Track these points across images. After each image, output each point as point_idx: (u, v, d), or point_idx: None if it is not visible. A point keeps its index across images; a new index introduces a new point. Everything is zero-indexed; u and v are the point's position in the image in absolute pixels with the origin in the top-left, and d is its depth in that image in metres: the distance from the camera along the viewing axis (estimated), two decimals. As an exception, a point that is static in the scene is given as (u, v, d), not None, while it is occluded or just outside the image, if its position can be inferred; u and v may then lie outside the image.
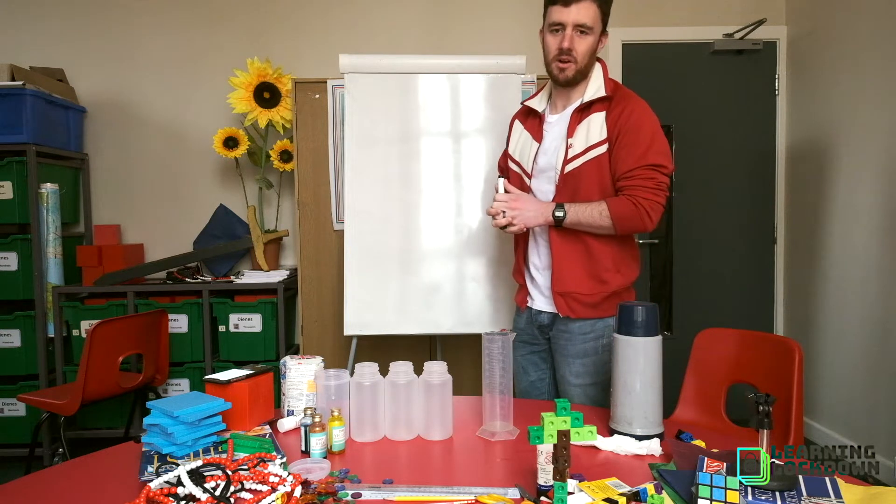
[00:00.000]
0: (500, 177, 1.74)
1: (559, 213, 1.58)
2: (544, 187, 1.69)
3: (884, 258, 2.62)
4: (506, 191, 1.66)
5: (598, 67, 1.67)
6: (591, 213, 1.57)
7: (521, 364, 1.82)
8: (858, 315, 2.79)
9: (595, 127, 1.61)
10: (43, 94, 2.96)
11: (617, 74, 3.39)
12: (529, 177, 1.71)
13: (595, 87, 1.63)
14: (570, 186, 1.63)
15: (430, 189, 2.42)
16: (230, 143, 3.12)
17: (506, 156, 1.85)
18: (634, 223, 1.56)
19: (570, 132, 1.63)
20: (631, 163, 1.56)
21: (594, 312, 1.63)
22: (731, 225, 3.46)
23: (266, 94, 3.06)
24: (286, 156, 3.14)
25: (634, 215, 1.55)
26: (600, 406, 1.61)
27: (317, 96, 2.91)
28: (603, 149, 1.59)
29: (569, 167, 1.62)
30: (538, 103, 1.76)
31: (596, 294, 1.63)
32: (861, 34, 2.79)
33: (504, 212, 1.63)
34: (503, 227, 1.64)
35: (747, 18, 3.34)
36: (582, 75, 1.63)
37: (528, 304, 1.77)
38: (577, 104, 1.65)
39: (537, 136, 1.72)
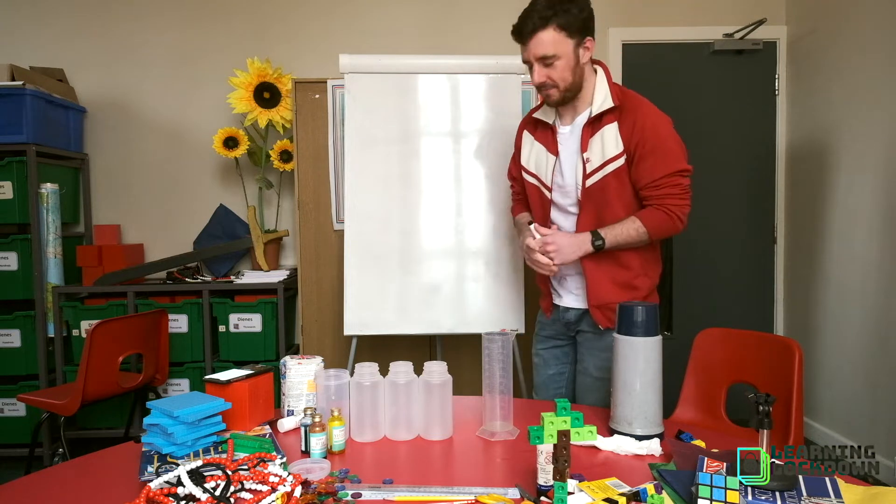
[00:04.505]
0: (528, 222, 1.73)
1: (598, 242, 1.58)
2: (565, 200, 1.68)
3: (884, 258, 2.62)
4: (539, 233, 1.64)
5: (600, 74, 1.63)
6: (628, 232, 1.58)
7: (542, 357, 1.84)
8: (858, 315, 2.79)
9: (609, 140, 1.59)
10: (43, 94, 2.96)
11: (617, 74, 3.39)
12: (549, 190, 1.70)
13: (602, 97, 1.60)
14: (593, 201, 1.62)
15: (430, 189, 2.42)
16: (230, 143, 3.12)
17: (517, 165, 1.83)
18: (670, 230, 1.62)
19: (584, 146, 1.62)
20: (656, 173, 1.57)
21: None
22: (731, 225, 3.46)
23: (266, 94, 3.06)
24: (286, 156, 3.14)
25: (668, 224, 1.59)
26: None
27: (317, 96, 2.91)
28: (620, 161, 1.58)
29: (589, 182, 1.61)
30: (547, 114, 1.72)
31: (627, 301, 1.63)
32: (861, 34, 2.79)
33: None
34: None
35: (747, 18, 3.34)
36: (572, 92, 1.60)
37: (556, 302, 1.78)
38: (585, 115, 1.63)
39: (553, 148, 1.69)
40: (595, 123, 1.61)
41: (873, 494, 0.95)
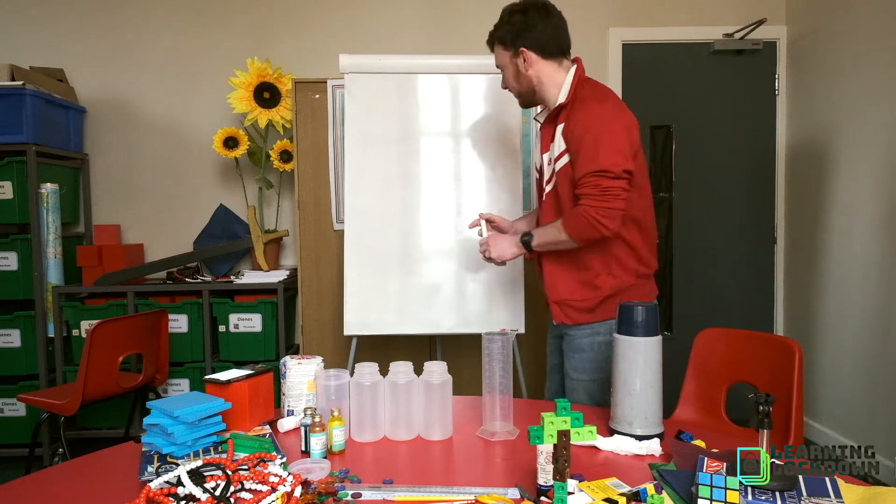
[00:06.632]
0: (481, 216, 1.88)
1: (525, 238, 1.68)
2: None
3: (884, 258, 2.62)
4: (484, 232, 1.84)
5: (571, 71, 1.65)
6: (551, 232, 1.63)
7: (549, 347, 1.89)
8: (858, 315, 2.79)
9: (558, 138, 1.64)
10: (43, 94, 2.96)
11: (617, 74, 3.39)
12: (545, 182, 1.77)
13: (561, 97, 1.64)
14: (552, 199, 1.69)
15: (430, 189, 2.42)
16: (230, 143, 3.12)
17: None
18: (590, 233, 1.54)
19: (544, 146, 1.71)
20: (580, 171, 1.56)
21: (590, 317, 1.65)
22: (731, 225, 3.46)
23: (266, 94, 3.06)
24: (286, 156, 3.14)
25: (586, 226, 1.53)
26: (600, 403, 1.63)
27: (317, 96, 2.91)
28: (565, 160, 1.62)
29: (547, 182, 1.70)
30: (541, 114, 1.80)
31: (589, 300, 1.64)
32: (861, 34, 2.79)
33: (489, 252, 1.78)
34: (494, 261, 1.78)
35: (747, 18, 3.34)
36: (525, 97, 1.73)
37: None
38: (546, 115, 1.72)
39: (540, 145, 1.79)
40: (552, 123, 1.68)
41: (873, 494, 0.95)
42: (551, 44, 1.64)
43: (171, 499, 0.92)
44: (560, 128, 1.62)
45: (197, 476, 0.97)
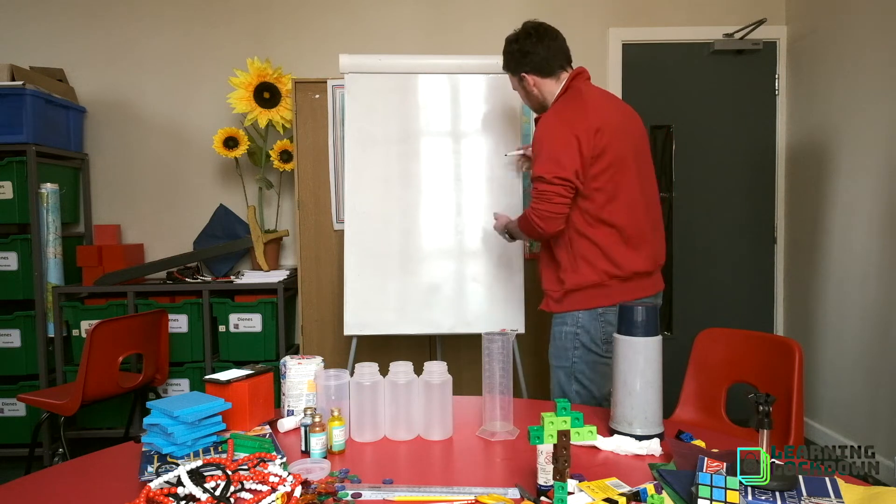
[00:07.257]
0: None
1: (504, 235, 2.01)
2: None
3: (884, 258, 2.62)
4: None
5: (561, 85, 1.80)
6: (518, 226, 1.83)
7: None
8: (858, 315, 2.78)
9: None
10: (43, 94, 2.96)
11: (617, 74, 3.39)
12: None
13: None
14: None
15: (430, 189, 2.42)
16: (230, 143, 3.12)
17: None
18: (530, 231, 1.76)
19: None
20: (531, 176, 1.77)
21: (559, 307, 1.79)
22: (731, 225, 3.46)
23: (266, 94, 3.06)
24: (286, 156, 3.14)
25: (527, 225, 1.75)
26: (565, 391, 1.75)
27: (317, 96, 2.91)
28: None
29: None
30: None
31: (558, 292, 1.78)
32: (861, 34, 2.79)
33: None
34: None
35: (747, 18, 3.34)
36: (541, 109, 1.88)
37: None
38: None
39: None
40: None
41: (873, 494, 0.95)
42: (547, 64, 1.80)
43: (171, 499, 0.92)
44: None
45: (197, 476, 0.97)
